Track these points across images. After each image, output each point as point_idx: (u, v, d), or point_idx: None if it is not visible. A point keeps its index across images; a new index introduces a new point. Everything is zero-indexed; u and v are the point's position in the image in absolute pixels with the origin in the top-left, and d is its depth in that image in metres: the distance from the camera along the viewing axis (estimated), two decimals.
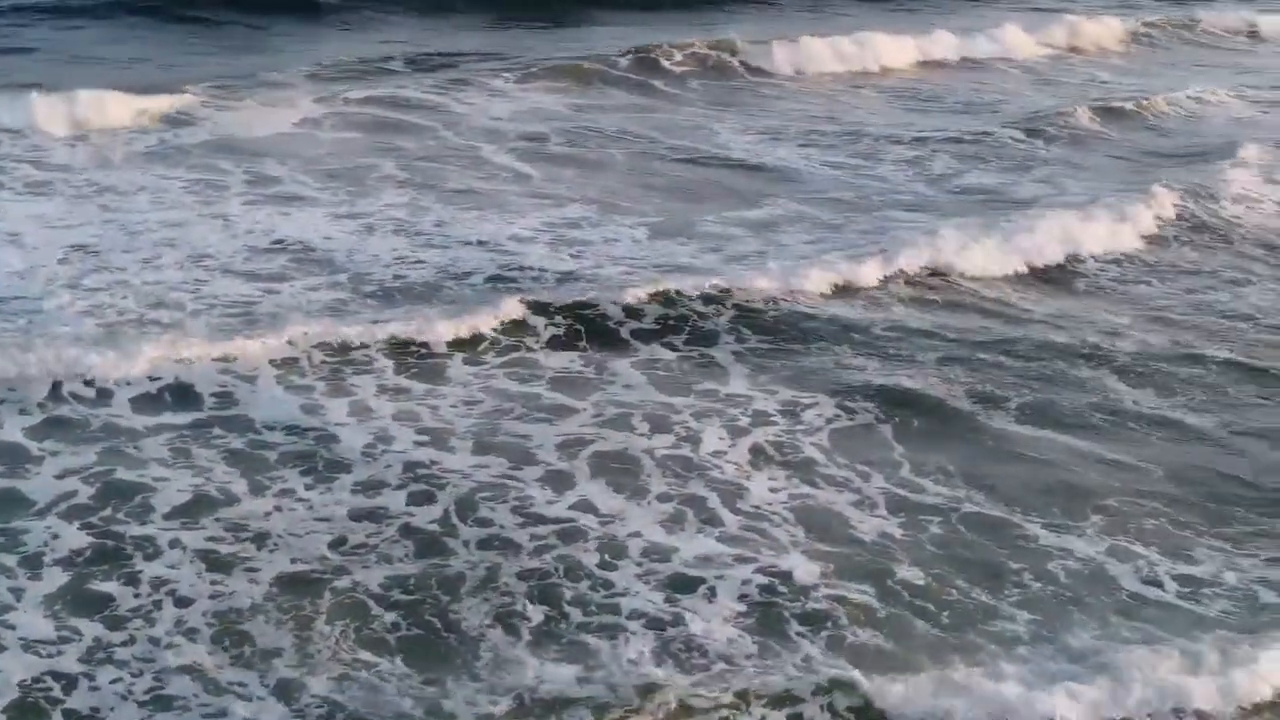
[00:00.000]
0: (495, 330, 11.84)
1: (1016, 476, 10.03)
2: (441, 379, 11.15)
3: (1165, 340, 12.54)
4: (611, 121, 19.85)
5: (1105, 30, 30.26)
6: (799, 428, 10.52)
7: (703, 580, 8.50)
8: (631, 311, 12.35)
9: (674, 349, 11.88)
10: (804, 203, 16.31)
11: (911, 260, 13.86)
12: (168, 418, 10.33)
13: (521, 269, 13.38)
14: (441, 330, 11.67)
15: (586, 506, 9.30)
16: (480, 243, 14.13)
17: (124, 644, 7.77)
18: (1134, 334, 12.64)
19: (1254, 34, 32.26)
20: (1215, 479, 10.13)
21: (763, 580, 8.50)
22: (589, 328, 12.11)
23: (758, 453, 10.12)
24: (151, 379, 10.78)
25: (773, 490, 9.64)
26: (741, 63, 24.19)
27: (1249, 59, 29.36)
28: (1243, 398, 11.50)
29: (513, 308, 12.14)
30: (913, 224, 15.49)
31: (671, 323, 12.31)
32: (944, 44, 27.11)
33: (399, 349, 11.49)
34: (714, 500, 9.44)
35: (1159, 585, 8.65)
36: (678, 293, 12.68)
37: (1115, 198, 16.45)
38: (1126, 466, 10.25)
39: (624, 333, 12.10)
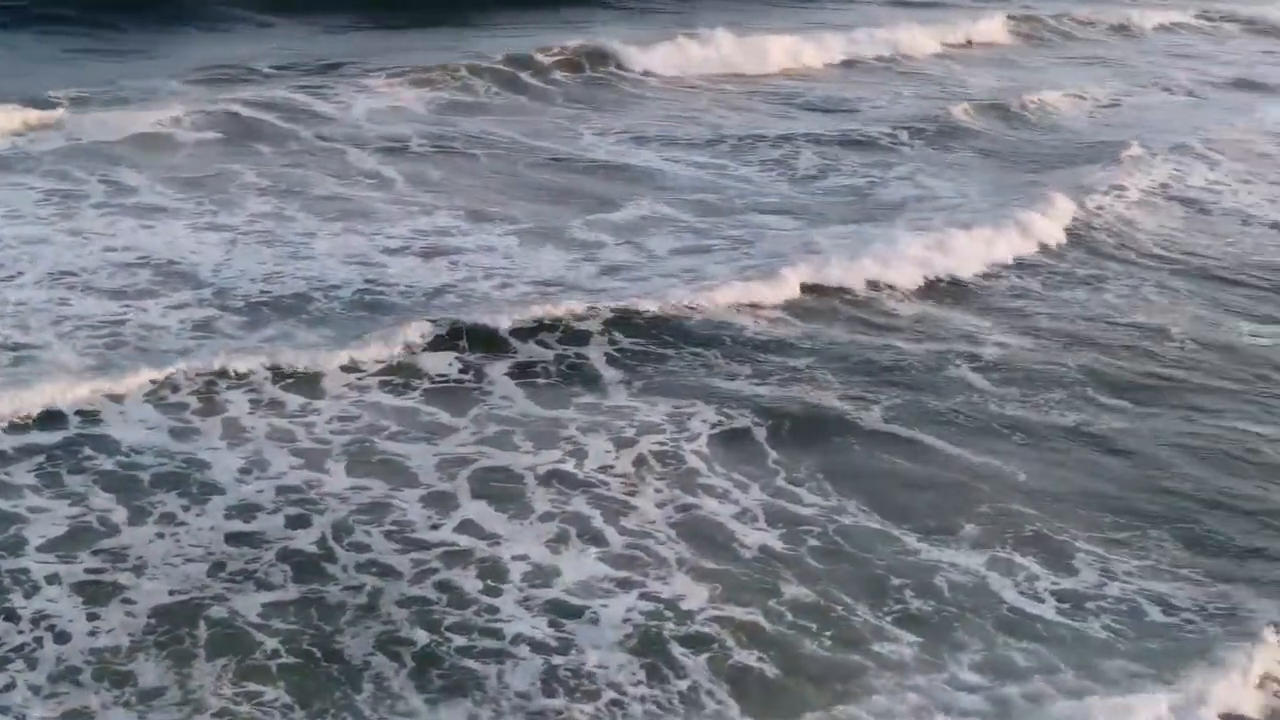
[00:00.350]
0: (379, 361, 11.55)
1: (892, 485, 10.11)
2: (316, 392, 10.98)
3: (1033, 345, 12.69)
4: (480, 125, 19.72)
5: (993, 26, 30.54)
6: (680, 440, 10.48)
7: (588, 605, 8.43)
8: (515, 330, 12.18)
9: (554, 362, 11.76)
10: (670, 204, 16.32)
11: (791, 276, 13.65)
12: (35, 436, 10.07)
13: (392, 284, 13.17)
14: (324, 360, 11.37)
15: (469, 528, 9.19)
16: (350, 255, 13.91)
17: (4, 689, 7.57)
18: (1004, 340, 12.78)
19: (1127, 29, 32.78)
20: (1083, 484, 10.25)
21: (648, 605, 8.44)
22: (469, 338, 11.95)
23: (639, 466, 10.08)
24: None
25: (657, 505, 9.61)
26: (615, 65, 24.07)
27: (1136, 55, 29.88)
28: (1106, 402, 11.64)
29: (400, 337, 11.76)
30: (779, 228, 15.55)
31: (552, 337, 12.15)
32: (825, 43, 27.10)
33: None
34: (598, 518, 9.38)
35: (1040, 600, 8.71)
36: (569, 315, 12.45)
37: (989, 202, 16.62)
38: (996, 472, 10.34)
39: (503, 346, 11.94)
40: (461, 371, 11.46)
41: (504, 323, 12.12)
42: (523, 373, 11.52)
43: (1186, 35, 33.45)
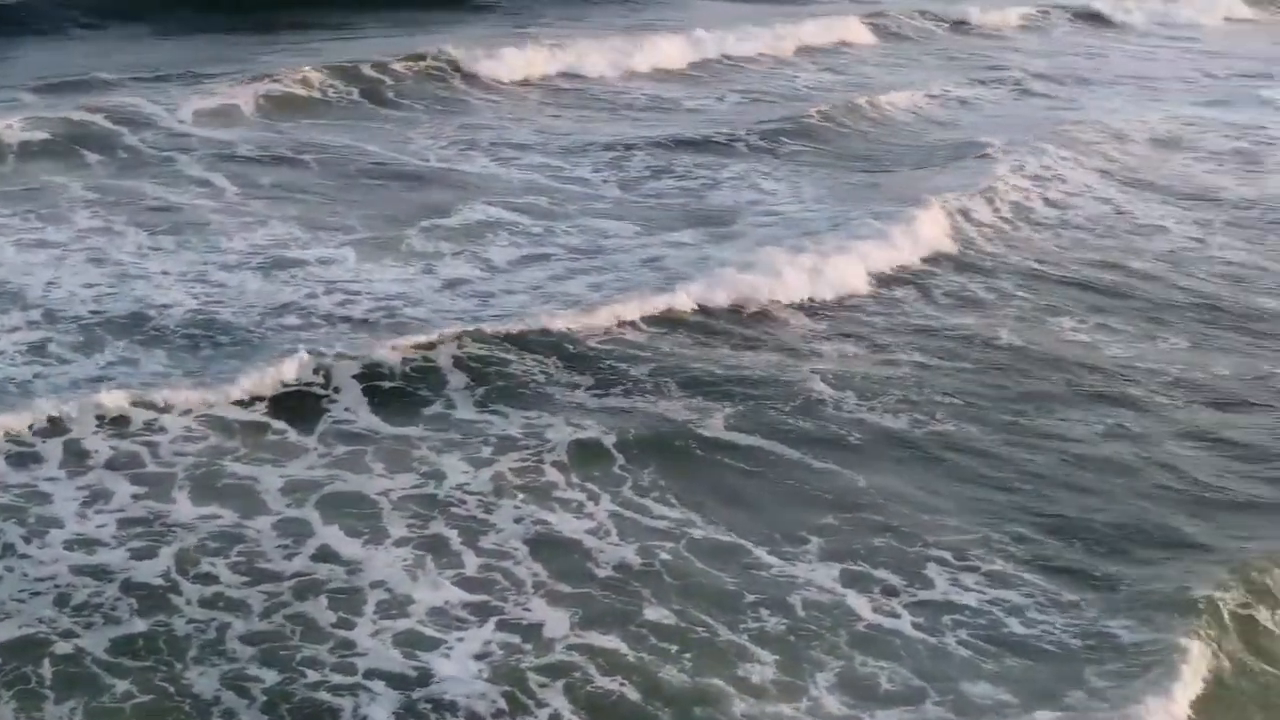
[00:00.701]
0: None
1: (737, 495, 10.14)
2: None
3: (868, 351, 12.81)
4: (313, 132, 19.46)
5: (842, 25, 30.58)
6: (534, 457, 10.41)
7: (445, 636, 8.31)
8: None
9: (405, 379, 11.60)
10: (505, 209, 16.22)
11: (646, 299, 13.39)
12: None
13: (231, 302, 12.92)
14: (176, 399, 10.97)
15: (322, 555, 9.04)
16: (185, 272, 13.62)
17: None
18: (843, 349, 12.86)
19: (969, 25, 33.26)
20: (927, 491, 10.36)
21: (506, 634, 8.34)
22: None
23: (495, 484, 9.98)
24: None
25: (515, 521, 9.54)
26: (452, 69, 23.64)
27: (982, 52, 30.38)
28: (945, 402, 11.78)
29: (272, 375, 11.36)
30: (617, 235, 15.51)
31: (404, 352, 11.95)
32: (665, 45, 26.81)
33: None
34: (455, 540, 9.27)
35: (895, 616, 8.74)
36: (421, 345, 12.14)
37: (830, 208, 16.72)
38: (840, 479, 10.43)
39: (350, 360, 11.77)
40: (305, 385, 11.29)
41: (378, 352, 11.84)
42: (372, 387, 11.38)
43: (1024, 32, 33.73)
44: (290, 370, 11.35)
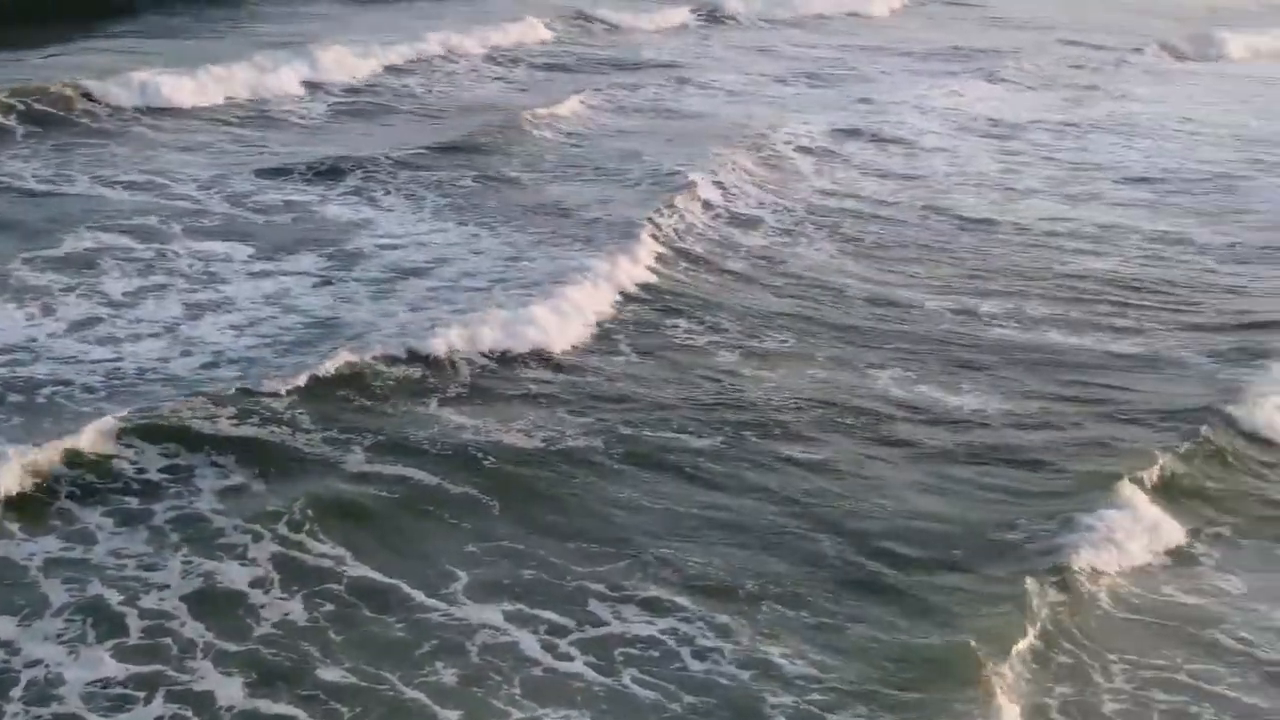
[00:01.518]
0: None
1: (391, 532, 10.07)
2: None
3: (502, 369, 12.81)
4: None
5: (529, 30, 30.29)
6: (187, 504, 10.11)
7: (108, 716, 7.97)
8: None
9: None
10: (109, 232, 15.70)
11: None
12: None
13: None
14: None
15: None
16: None
17: None
18: (478, 364, 12.80)
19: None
20: (567, 520, 10.44)
21: (174, 708, 8.06)
22: None
23: (153, 533, 9.69)
24: None
25: (182, 577, 9.24)
26: (73, 94, 21.89)
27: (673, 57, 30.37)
28: (575, 422, 11.90)
29: None
30: (230, 258, 15.16)
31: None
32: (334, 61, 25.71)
33: None
34: (115, 602, 8.91)
35: (569, 658, 8.78)
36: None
37: (458, 230, 16.60)
38: (478, 508, 10.46)
39: None
40: None
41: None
42: None
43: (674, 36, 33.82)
44: None
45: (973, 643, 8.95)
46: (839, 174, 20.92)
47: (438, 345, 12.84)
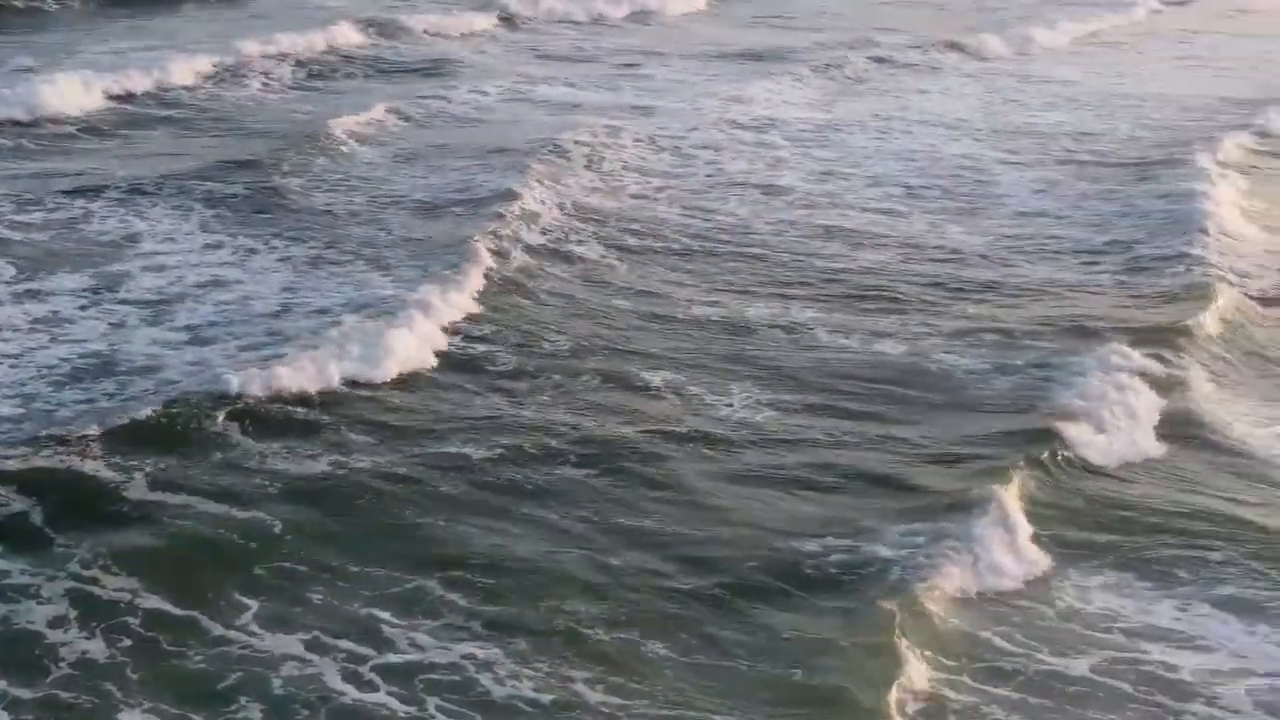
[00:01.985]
0: None
1: (176, 559, 10.07)
2: None
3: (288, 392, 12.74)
4: None
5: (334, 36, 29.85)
6: None
7: None
8: None
9: None
10: None
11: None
12: None
13: None
14: None
15: None
16: None
17: None
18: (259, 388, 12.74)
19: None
20: (356, 539, 10.54)
21: None
22: None
23: None
24: None
25: None
26: None
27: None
28: (359, 440, 12.00)
29: None
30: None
31: None
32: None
33: None
34: None
35: (374, 688, 8.83)
36: None
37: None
38: (267, 531, 10.51)
39: None
40: None
41: None
42: None
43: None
44: None
45: (799, 674, 9.15)
46: (609, 177, 21.17)
47: (227, 379, 12.64)
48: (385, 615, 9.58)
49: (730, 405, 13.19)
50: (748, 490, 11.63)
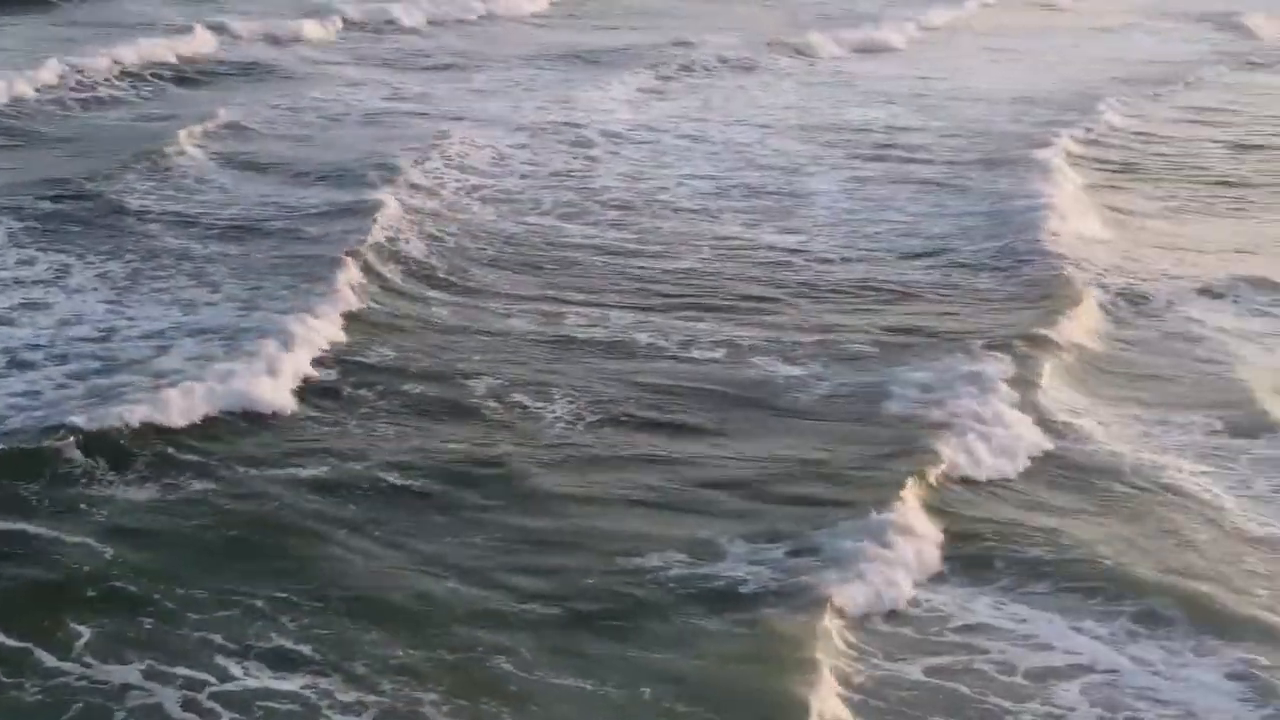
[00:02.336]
0: None
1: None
2: None
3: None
4: None
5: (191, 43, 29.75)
6: None
7: None
8: None
9: None
10: None
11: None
12: None
13: None
14: None
15: None
16: None
17: None
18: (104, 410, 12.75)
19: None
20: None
21: None
22: None
23: None
24: None
25: None
26: None
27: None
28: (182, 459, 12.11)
29: None
30: None
31: None
32: None
33: None
34: None
35: (215, 715, 8.92)
36: None
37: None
38: (94, 556, 10.57)
39: None
40: None
41: None
42: None
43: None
44: None
45: (647, 694, 9.28)
46: (435, 181, 21.31)
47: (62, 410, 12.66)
48: (220, 641, 9.63)
49: (559, 419, 13.31)
50: (593, 509, 11.74)
